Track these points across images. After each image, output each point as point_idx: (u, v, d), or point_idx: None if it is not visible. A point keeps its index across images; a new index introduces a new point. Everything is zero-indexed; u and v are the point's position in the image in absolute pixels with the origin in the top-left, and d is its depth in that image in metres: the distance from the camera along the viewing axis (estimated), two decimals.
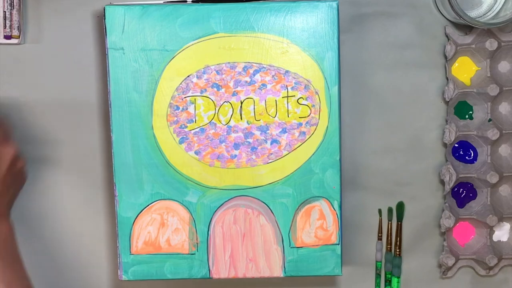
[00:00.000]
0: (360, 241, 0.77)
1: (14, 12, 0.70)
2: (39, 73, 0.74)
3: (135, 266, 0.69)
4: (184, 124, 0.68)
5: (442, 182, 0.76)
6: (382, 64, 0.75)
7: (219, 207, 0.69)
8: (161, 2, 0.69)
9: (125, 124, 0.68)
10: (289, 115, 0.68)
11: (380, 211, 0.77)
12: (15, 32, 0.71)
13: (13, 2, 0.69)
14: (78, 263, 0.77)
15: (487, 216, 0.74)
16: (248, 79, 0.68)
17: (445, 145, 0.76)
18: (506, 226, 0.77)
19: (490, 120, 0.74)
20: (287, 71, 0.68)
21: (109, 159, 0.75)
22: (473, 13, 0.74)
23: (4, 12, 0.69)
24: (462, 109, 0.76)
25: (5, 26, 0.70)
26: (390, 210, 0.77)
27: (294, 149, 0.69)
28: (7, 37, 0.71)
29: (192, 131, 0.68)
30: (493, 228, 0.76)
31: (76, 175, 0.75)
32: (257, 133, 0.68)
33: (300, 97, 0.68)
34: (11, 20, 0.69)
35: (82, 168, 0.75)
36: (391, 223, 0.77)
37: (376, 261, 0.78)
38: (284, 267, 0.70)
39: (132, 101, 0.68)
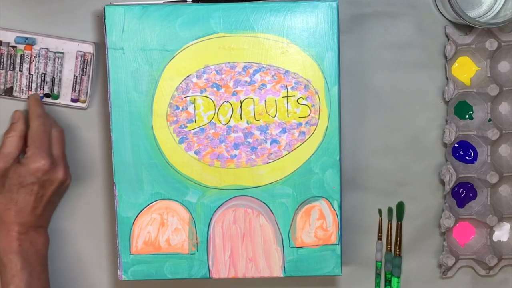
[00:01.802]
0: (360, 241, 0.77)
1: (85, 78, 0.72)
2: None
3: (135, 266, 0.69)
4: (184, 124, 0.68)
5: (442, 182, 0.76)
6: (382, 64, 0.75)
7: (219, 207, 0.69)
8: (161, 2, 0.69)
9: (125, 124, 0.68)
10: (289, 115, 0.68)
11: (380, 211, 0.77)
12: (82, 97, 0.73)
13: (85, 69, 0.71)
14: (78, 263, 0.77)
15: (487, 216, 0.74)
16: (248, 79, 0.68)
17: (445, 145, 0.76)
18: (506, 226, 0.77)
19: (490, 120, 0.74)
20: (287, 71, 0.68)
21: (109, 159, 0.75)
22: (473, 13, 0.74)
23: (75, 76, 0.71)
24: (462, 109, 0.76)
25: (74, 90, 0.72)
26: (390, 210, 0.77)
27: (294, 149, 0.69)
28: (74, 100, 0.73)
29: (192, 131, 0.68)
30: (493, 228, 0.76)
31: (76, 175, 0.75)
32: (257, 133, 0.68)
33: (300, 97, 0.68)
34: (80, 85, 0.71)
35: (82, 168, 0.75)
36: (391, 223, 0.77)
37: (376, 261, 0.78)
38: (284, 267, 0.70)
39: (132, 101, 0.68)
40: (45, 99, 0.73)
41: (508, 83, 0.74)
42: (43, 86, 0.72)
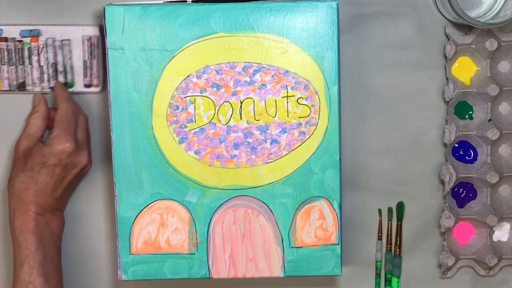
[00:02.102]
0: (360, 241, 0.77)
1: (95, 61, 0.72)
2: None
3: (135, 266, 0.69)
4: (184, 124, 0.68)
5: (442, 182, 0.76)
6: (382, 64, 0.75)
7: (219, 207, 0.69)
8: (161, 2, 0.69)
9: (125, 124, 0.68)
10: (289, 115, 0.68)
11: (380, 211, 0.77)
12: (95, 82, 0.73)
13: (93, 52, 0.72)
14: (78, 263, 0.77)
15: (487, 216, 0.74)
16: (247, 79, 0.68)
17: (445, 145, 0.76)
18: (506, 226, 0.77)
19: (490, 120, 0.74)
20: (286, 71, 0.68)
21: (109, 159, 0.75)
22: (473, 13, 0.74)
23: (85, 61, 0.72)
24: (462, 109, 0.76)
25: (86, 75, 0.72)
26: (390, 210, 0.77)
27: (294, 149, 0.69)
28: (88, 85, 0.73)
29: (192, 131, 0.68)
30: (493, 228, 0.76)
31: None
32: (257, 133, 0.68)
33: (300, 97, 0.68)
34: (91, 69, 0.71)
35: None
36: (391, 223, 0.77)
37: (376, 261, 0.78)
38: (284, 267, 0.70)
39: (132, 101, 0.68)
40: None
41: (508, 83, 0.74)
42: (56, 76, 0.73)
